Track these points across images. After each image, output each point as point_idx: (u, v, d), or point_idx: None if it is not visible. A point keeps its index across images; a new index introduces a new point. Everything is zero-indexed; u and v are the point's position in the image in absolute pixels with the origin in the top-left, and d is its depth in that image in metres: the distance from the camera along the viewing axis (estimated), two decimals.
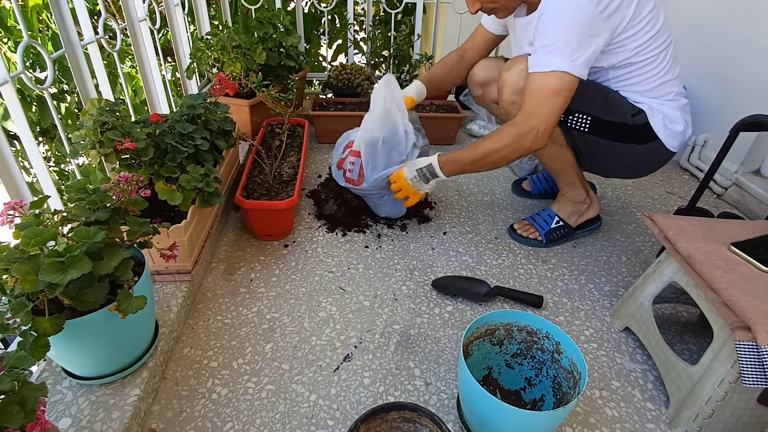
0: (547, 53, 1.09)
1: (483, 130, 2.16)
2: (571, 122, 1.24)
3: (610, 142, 1.26)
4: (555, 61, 1.08)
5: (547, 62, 1.10)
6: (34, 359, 0.68)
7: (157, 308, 1.07)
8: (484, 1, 1.16)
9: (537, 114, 1.13)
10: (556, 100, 1.11)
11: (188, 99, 1.29)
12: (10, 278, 0.72)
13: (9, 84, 0.98)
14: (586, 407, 0.98)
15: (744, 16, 1.67)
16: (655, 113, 1.23)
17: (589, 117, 1.23)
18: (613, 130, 1.24)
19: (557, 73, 1.09)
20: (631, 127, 1.23)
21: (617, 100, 1.23)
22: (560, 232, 1.44)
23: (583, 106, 1.20)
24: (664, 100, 1.23)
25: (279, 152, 1.62)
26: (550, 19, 1.09)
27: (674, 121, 1.23)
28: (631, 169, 1.35)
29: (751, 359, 0.76)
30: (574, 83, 1.11)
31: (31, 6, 2.19)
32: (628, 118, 1.23)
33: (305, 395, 0.97)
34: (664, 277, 1.04)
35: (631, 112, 1.23)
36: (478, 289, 1.22)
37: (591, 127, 1.24)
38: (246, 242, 1.42)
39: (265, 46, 1.81)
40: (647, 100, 1.23)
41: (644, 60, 1.17)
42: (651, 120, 1.22)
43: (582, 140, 1.27)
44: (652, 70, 1.19)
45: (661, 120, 1.22)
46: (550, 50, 1.09)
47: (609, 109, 1.22)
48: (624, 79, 1.22)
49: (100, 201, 0.83)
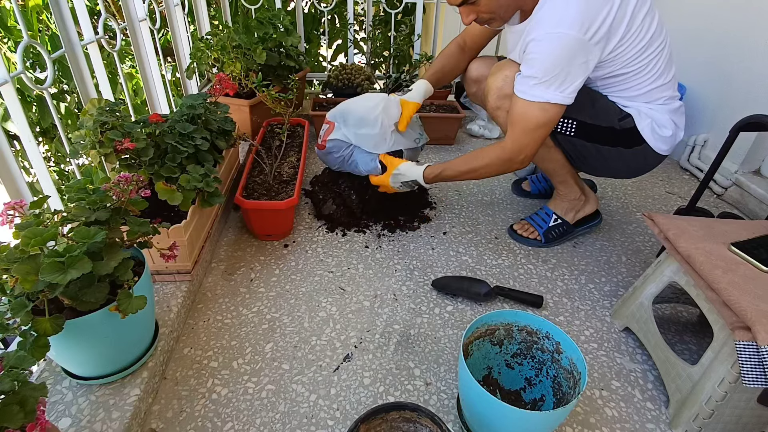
0: (535, 85, 1.09)
1: (483, 130, 2.16)
2: (557, 127, 1.24)
3: (597, 146, 1.26)
4: (543, 93, 1.09)
5: (535, 93, 1.10)
6: (34, 359, 0.68)
7: (157, 308, 1.07)
8: (480, 12, 1.14)
9: (525, 144, 1.17)
10: (542, 131, 1.15)
11: (188, 99, 1.29)
12: (10, 278, 0.72)
13: (9, 84, 0.98)
14: (586, 407, 0.98)
15: (744, 16, 1.67)
16: (644, 117, 1.21)
17: (575, 122, 1.24)
18: (599, 134, 1.24)
19: (544, 105, 1.10)
20: (618, 132, 1.23)
21: (605, 105, 1.23)
22: (559, 231, 1.44)
23: (568, 112, 1.18)
24: (654, 104, 1.22)
25: (279, 152, 1.62)
26: (537, 49, 1.07)
27: (663, 126, 1.21)
28: (621, 171, 1.35)
29: (751, 359, 0.76)
30: (562, 110, 1.12)
31: (31, 6, 2.19)
32: (615, 123, 1.22)
33: (305, 395, 0.97)
34: (664, 277, 1.04)
35: (618, 117, 1.22)
36: (478, 289, 1.22)
37: (576, 131, 1.25)
38: (246, 242, 1.42)
39: (265, 46, 1.81)
40: (636, 105, 1.22)
41: (634, 70, 1.16)
42: (638, 124, 1.21)
43: (569, 143, 1.28)
44: (642, 77, 1.17)
45: (648, 124, 1.21)
46: (539, 82, 1.08)
47: (596, 113, 1.22)
48: (612, 86, 1.21)
49: (100, 201, 0.83)
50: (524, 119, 1.14)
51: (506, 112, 1.24)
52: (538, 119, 1.12)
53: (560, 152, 1.32)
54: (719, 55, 1.78)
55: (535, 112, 1.12)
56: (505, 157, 1.20)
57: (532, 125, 1.13)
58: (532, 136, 1.15)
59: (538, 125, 1.13)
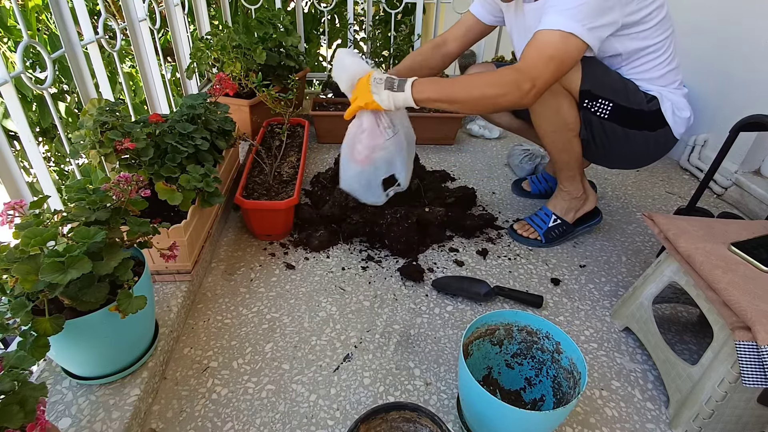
0: (558, 12, 1.05)
1: (483, 130, 2.16)
2: (595, 108, 1.23)
3: (626, 130, 1.26)
4: (564, 21, 1.04)
5: (556, 21, 1.04)
6: (34, 359, 0.68)
7: (157, 308, 1.07)
8: None
9: (539, 73, 1.06)
10: (556, 64, 1.06)
11: (188, 99, 1.29)
12: (10, 278, 0.72)
13: (9, 84, 0.98)
14: (586, 407, 0.98)
15: (744, 16, 1.67)
16: (665, 100, 1.24)
17: (611, 103, 1.22)
18: (631, 117, 1.24)
19: (564, 33, 1.04)
20: (646, 114, 1.24)
21: (633, 87, 1.24)
22: (559, 230, 1.44)
23: (606, 93, 1.20)
24: (672, 87, 1.25)
25: (279, 152, 1.62)
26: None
27: (682, 108, 1.25)
28: (639, 159, 1.36)
29: (751, 359, 0.76)
30: (581, 50, 1.07)
31: (31, 6, 2.19)
32: (645, 105, 1.23)
33: (305, 395, 0.97)
34: (664, 277, 1.04)
35: (646, 99, 1.24)
36: (478, 289, 1.22)
37: (611, 114, 1.23)
38: (246, 242, 1.42)
39: (265, 46, 1.81)
40: (657, 88, 1.25)
41: (655, 45, 1.18)
42: (662, 106, 1.24)
43: (600, 128, 1.26)
44: (660, 57, 1.20)
45: (670, 107, 1.24)
46: (561, 10, 1.04)
47: (628, 96, 1.23)
48: (636, 66, 1.23)
49: (100, 201, 0.83)
50: (542, 45, 1.06)
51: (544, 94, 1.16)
52: (556, 47, 1.04)
53: (580, 144, 1.31)
54: (719, 55, 1.78)
55: (554, 38, 1.04)
56: (515, 83, 1.05)
57: (549, 52, 1.05)
58: (547, 65, 1.05)
59: (554, 55, 1.05)
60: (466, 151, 2.04)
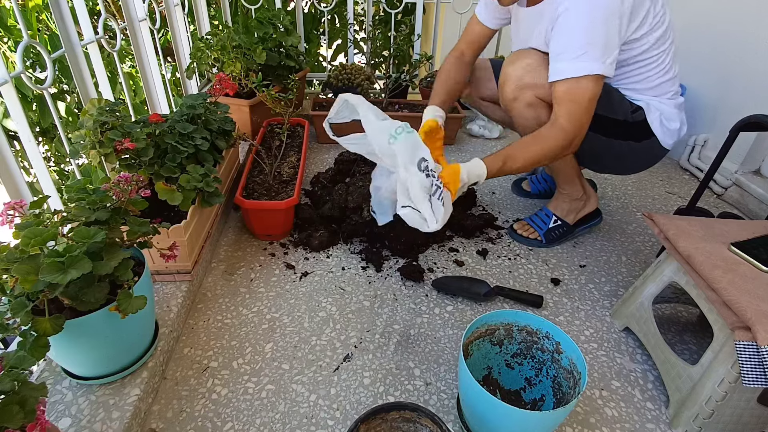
0: (576, 58, 1.05)
1: (483, 130, 2.16)
2: None
3: (611, 140, 1.25)
4: (588, 65, 1.05)
5: (579, 66, 1.06)
6: (34, 359, 0.68)
7: (157, 308, 1.07)
8: None
9: (584, 122, 1.10)
10: (594, 105, 1.10)
11: (188, 99, 1.29)
12: (10, 278, 0.72)
13: (9, 84, 0.98)
14: (586, 407, 0.98)
15: (744, 16, 1.67)
16: (653, 110, 1.23)
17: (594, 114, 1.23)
18: (614, 128, 1.24)
19: (591, 77, 1.06)
20: (630, 125, 1.23)
21: (618, 97, 1.23)
22: (559, 231, 1.44)
23: None
24: (663, 98, 1.24)
25: (279, 152, 1.62)
26: (574, 14, 1.04)
27: (671, 119, 1.24)
28: (626, 167, 1.36)
29: (751, 359, 0.76)
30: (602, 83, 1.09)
31: (31, 6, 2.19)
32: (628, 115, 1.23)
33: (305, 395, 0.97)
34: (664, 277, 1.04)
35: (630, 109, 1.23)
36: (478, 289, 1.22)
37: (594, 125, 1.23)
38: (246, 242, 1.42)
39: (265, 46, 1.81)
40: (646, 98, 1.24)
41: (649, 58, 1.17)
42: (648, 117, 1.23)
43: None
44: (654, 69, 1.19)
45: (657, 117, 1.23)
46: (580, 54, 1.05)
47: (611, 105, 1.22)
48: (626, 77, 1.22)
49: (100, 201, 0.83)
50: (576, 95, 1.08)
51: (524, 104, 1.21)
52: (593, 91, 1.07)
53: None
54: (719, 55, 1.78)
55: (587, 84, 1.06)
56: (567, 141, 1.10)
57: (587, 99, 1.07)
58: (588, 111, 1.09)
59: (592, 98, 1.08)
60: (467, 151, 2.04)
